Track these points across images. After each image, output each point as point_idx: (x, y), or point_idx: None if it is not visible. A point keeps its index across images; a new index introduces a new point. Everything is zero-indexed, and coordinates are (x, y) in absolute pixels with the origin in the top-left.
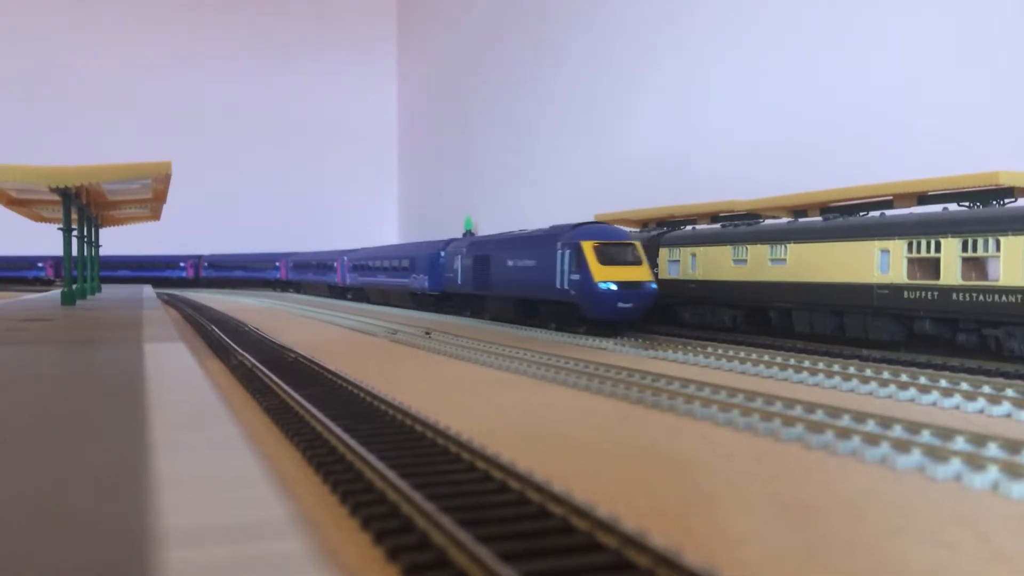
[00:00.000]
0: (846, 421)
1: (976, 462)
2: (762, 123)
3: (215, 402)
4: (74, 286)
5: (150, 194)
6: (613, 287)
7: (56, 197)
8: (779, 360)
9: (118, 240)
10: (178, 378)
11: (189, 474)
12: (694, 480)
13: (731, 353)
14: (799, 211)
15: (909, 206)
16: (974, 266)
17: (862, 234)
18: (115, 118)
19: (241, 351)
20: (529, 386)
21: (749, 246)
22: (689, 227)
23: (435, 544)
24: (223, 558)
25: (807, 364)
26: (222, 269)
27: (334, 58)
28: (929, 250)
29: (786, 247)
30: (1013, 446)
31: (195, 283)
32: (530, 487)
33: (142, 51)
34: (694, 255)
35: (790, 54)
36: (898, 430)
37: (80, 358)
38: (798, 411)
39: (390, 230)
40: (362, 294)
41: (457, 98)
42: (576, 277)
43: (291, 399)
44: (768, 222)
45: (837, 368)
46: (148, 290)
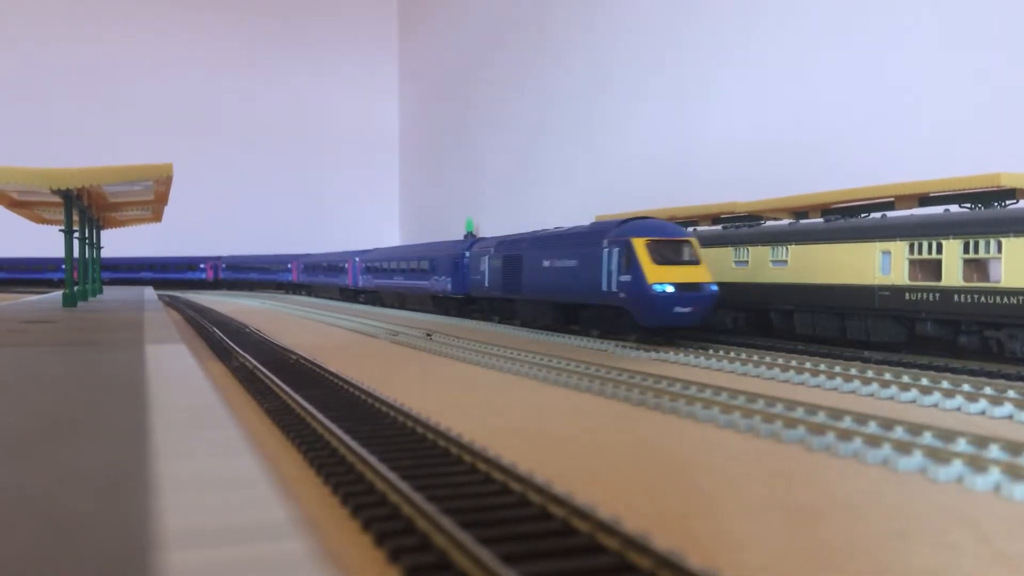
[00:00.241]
0: (848, 423)
1: (978, 464)
2: (763, 124)
3: (216, 403)
4: (75, 287)
5: (151, 196)
6: (670, 289)
7: (58, 199)
8: (780, 362)
9: (118, 240)
10: (179, 380)
11: (190, 475)
12: (696, 482)
13: (732, 355)
14: (800, 213)
15: (910, 208)
16: (976, 268)
17: (863, 236)
18: (117, 120)
19: (242, 353)
20: (530, 387)
21: (750, 247)
22: (690, 229)
23: (436, 546)
24: (224, 559)
25: (808, 366)
26: (238, 271)
27: (335, 61)
28: (930, 252)
29: (787, 249)
30: (1015, 448)
31: (215, 285)
32: (531, 489)
33: (144, 53)
34: None
35: (791, 55)
36: (900, 432)
37: (81, 360)
38: (800, 413)
39: (391, 232)
40: (376, 297)
41: (458, 100)
42: (626, 279)
43: (292, 400)
44: (769, 223)
45: (838, 370)
46: (149, 292)
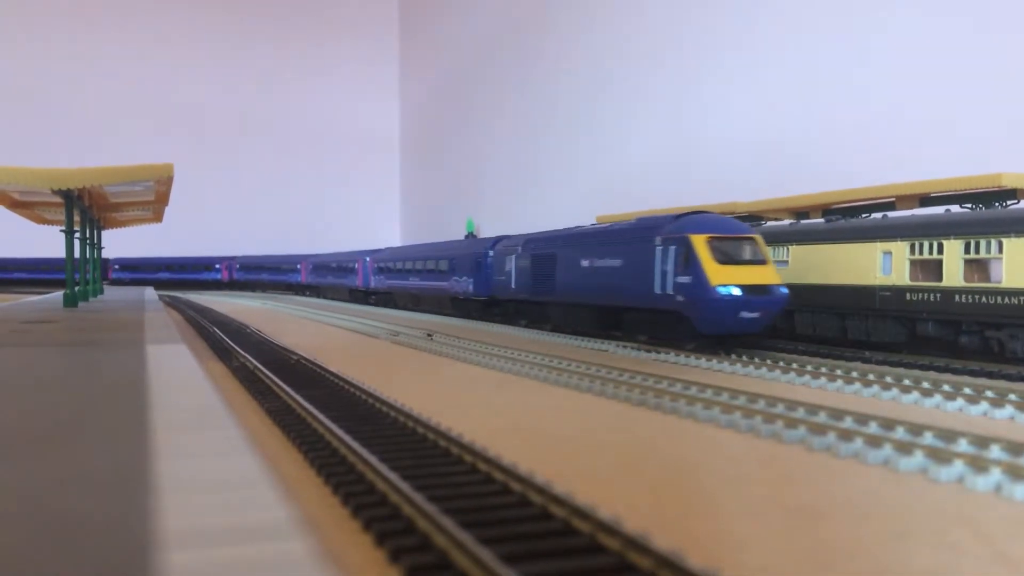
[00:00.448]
0: (849, 423)
1: (979, 464)
2: (764, 124)
3: (217, 404)
4: (76, 288)
5: (152, 196)
6: (735, 292)
7: (58, 199)
8: (781, 362)
9: (119, 240)
10: (180, 380)
11: (190, 476)
12: (696, 482)
13: (733, 355)
14: (801, 213)
15: (911, 208)
16: (976, 268)
17: (864, 236)
18: (118, 121)
19: (243, 353)
20: (531, 388)
21: None
22: None
23: (437, 546)
24: (225, 560)
25: (809, 367)
26: (250, 271)
27: (336, 61)
28: (931, 252)
29: (788, 249)
30: (1016, 448)
31: (229, 286)
32: (532, 489)
33: (145, 54)
34: None
35: (791, 55)
36: (901, 432)
37: (82, 360)
38: (800, 413)
39: (392, 232)
40: (388, 299)
41: (459, 101)
42: (685, 280)
43: (293, 401)
44: (770, 224)
45: (839, 371)
46: (150, 292)
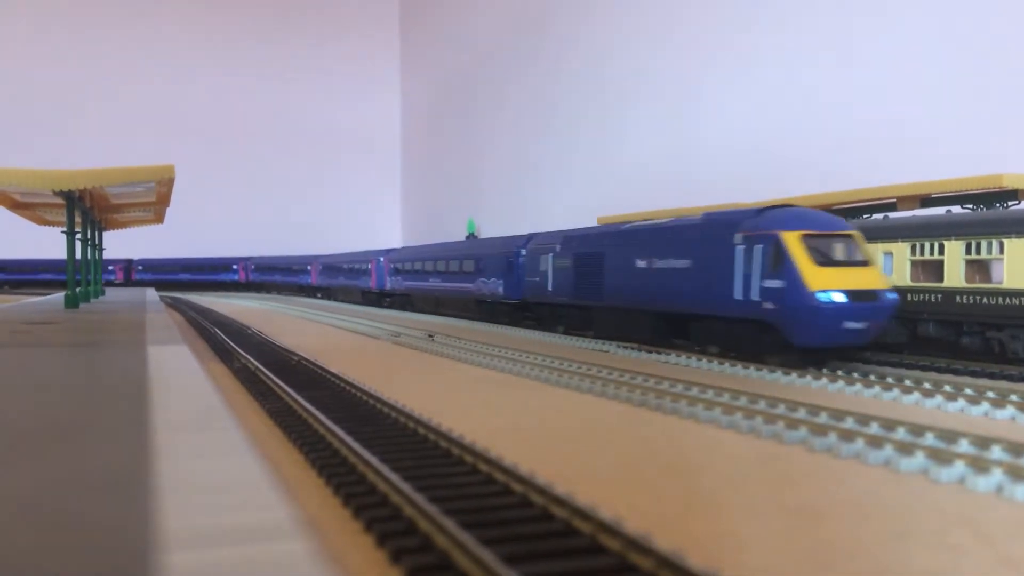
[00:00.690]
0: (849, 424)
1: (980, 465)
2: (764, 125)
3: (218, 405)
4: (77, 289)
5: (153, 197)
6: (839, 299)
7: (60, 200)
8: (782, 363)
9: (117, 242)
10: (181, 381)
11: (192, 477)
12: (697, 483)
13: (734, 356)
14: None
15: (912, 208)
16: (978, 268)
17: (865, 237)
18: (118, 122)
19: (244, 354)
20: (532, 388)
21: None
22: None
23: (438, 547)
24: (226, 561)
25: (810, 367)
26: (265, 272)
27: (337, 61)
28: (933, 252)
29: None
30: (1017, 449)
31: (246, 287)
32: (533, 489)
33: (145, 55)
34: None
35: (791, 56)
36: (902, 433)
37: (84, 361)
38: (801, 414)
39: (393, 233)
40: (406, 301)
41: (460, 101)
42: (775, 285)
43: (294, 401)
44: None
45: (840, 371)
46: (151, 293)
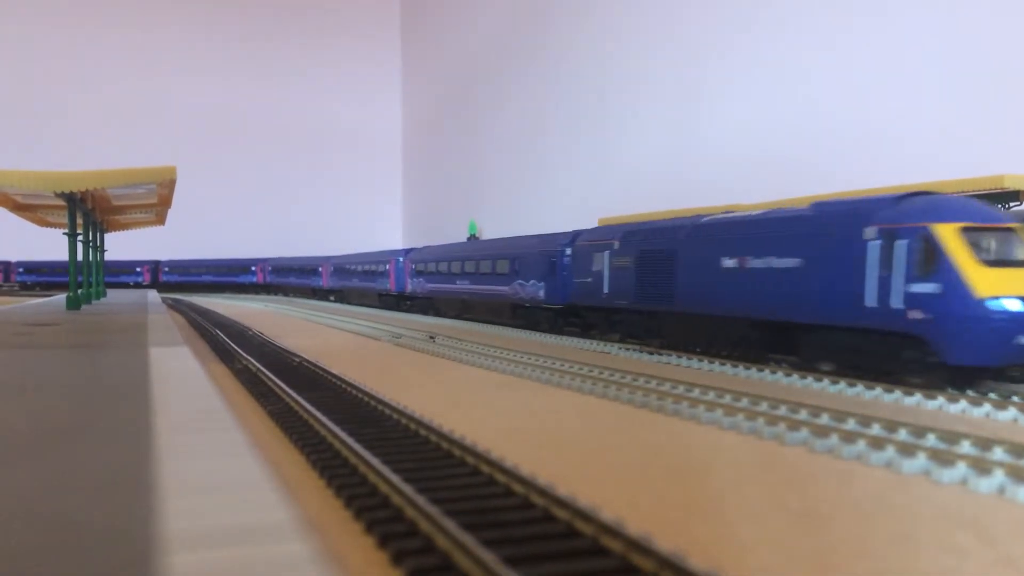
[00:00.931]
0: (851, 425)
1: (982, 466)
2: (765, 126)
3: (219, 406)
4: (79, 291)
5: (155, 199)
6: (1016, 307)
7: (61, 202)
8: (783, 364)
9: (121, 242)
10: (182, 382)
11: (193, 478)
12: (699, 484)
13: (735, 357)
14: None
15: None
16: None
17: None
18: (120, 124)
19: (245, 355)
20: (533, 389)
21: None
22: None
23: (439, 548)
24: (227, 561)
25: (811, 368)
26: (280, 274)
27: (337, 62)
28: None
29: None
30: (1019, 450)
31: (265, 288)
32: (534, 491)
33: (146, 56)
34: None
35: (792, 56)
36: (904, 434)
37: (86, 362)
38: (803, 415)
39: (394, 234)
40: (429, 304)
41: (461, 102)
42: (928, 290)
43: (295, 403)
44: None
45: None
46: (153, 295)
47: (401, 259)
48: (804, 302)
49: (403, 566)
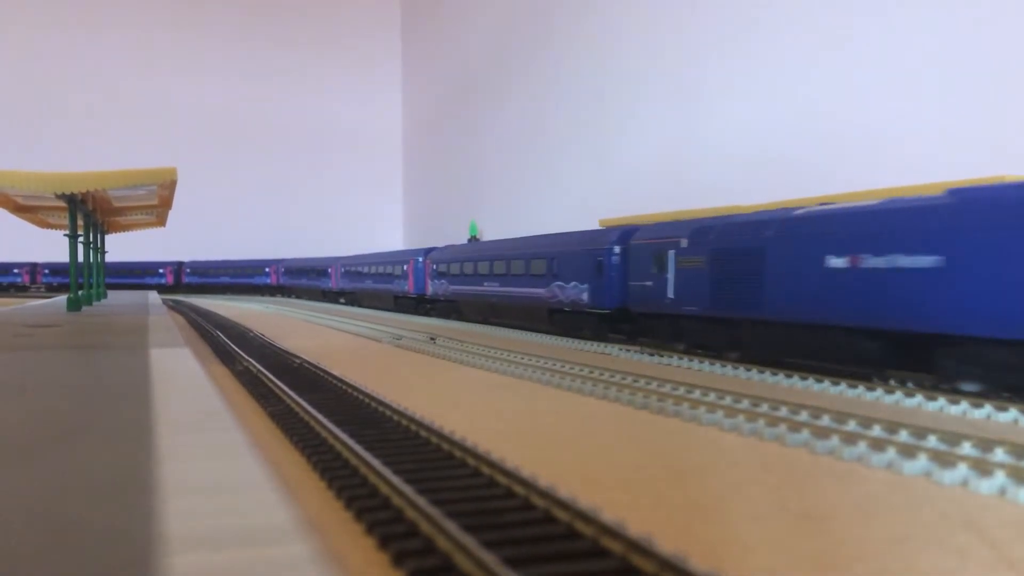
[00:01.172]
0: (852, 426)
1: (983, 467)
2: (765, 127)
3: (220, 407)
4: (80, 292)
5: (156, 200)
6: None
7: (62, 203)
8: (784, 365)
9: (122, 243)
10: (183, 383)
11: (194, 479)
12: (700, 485)
13: (736, 358)
14: None
15: None
16: None
17: None
18: (121, 124)
19: (246, 357)
20: (534, 391)
21: None
22: None
23: (440, 549)
24: (228, 562)
25: (812, 369)
26: (293, 275)
27: (337, 62)
28: None
29: None
30: (1020, 451)
31: (279, 290)
32: (535, 492)
33: (146, 57)
34: None
35: (792, 57)
36: (904, 435)
37: (87, 363)
38: (804, 416)
39: (394, 235)
40: (452, 308)
41: (461, 102)
42: None
43: (296, 404)
44: None
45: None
46: (153, 296)
47: (420, 259)
48: (946, 310)
49: (404, 567)
